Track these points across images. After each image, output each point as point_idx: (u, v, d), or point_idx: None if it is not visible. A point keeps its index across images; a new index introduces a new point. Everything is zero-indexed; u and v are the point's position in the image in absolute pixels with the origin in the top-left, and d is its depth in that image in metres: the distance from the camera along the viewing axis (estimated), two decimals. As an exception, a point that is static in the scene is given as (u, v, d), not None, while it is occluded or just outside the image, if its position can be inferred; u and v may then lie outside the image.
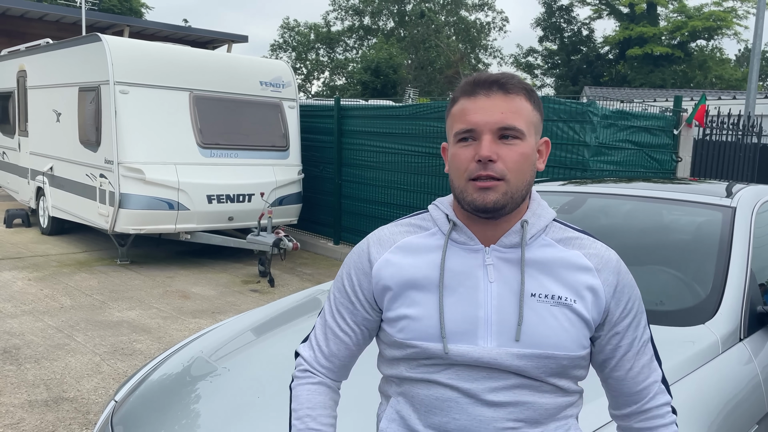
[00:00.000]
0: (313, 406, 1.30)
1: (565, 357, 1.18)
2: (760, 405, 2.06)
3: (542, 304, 1.18)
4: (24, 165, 9.85)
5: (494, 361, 1.17)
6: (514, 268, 1.21)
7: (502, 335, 1.17)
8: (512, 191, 1.17)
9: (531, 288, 1.19)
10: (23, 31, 14.40)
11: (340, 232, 9.07)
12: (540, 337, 1.17)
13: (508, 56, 47.55)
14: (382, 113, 8.34)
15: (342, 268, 1.34)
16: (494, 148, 1.15)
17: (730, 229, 2.52)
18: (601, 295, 1.22)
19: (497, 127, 1.15)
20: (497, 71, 1.27)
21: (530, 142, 1.19)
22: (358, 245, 1.33)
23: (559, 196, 3.06)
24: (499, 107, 1.16)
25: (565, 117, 6.37)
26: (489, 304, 1.18)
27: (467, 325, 1.18)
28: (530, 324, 1.17)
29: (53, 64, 8.69)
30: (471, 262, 1.21)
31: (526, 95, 1.19)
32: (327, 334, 1.33)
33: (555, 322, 1.18)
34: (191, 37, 16.29)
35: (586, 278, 1.21)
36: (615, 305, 1.23)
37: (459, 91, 1.22)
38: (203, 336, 2.61)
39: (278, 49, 40.27)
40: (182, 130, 7.54)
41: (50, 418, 3.63)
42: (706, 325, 2.15)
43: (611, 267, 1.24)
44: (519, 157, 1.16)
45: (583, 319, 1.20)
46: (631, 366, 1.26)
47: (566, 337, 1.18)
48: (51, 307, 5.76)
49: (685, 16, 32.03)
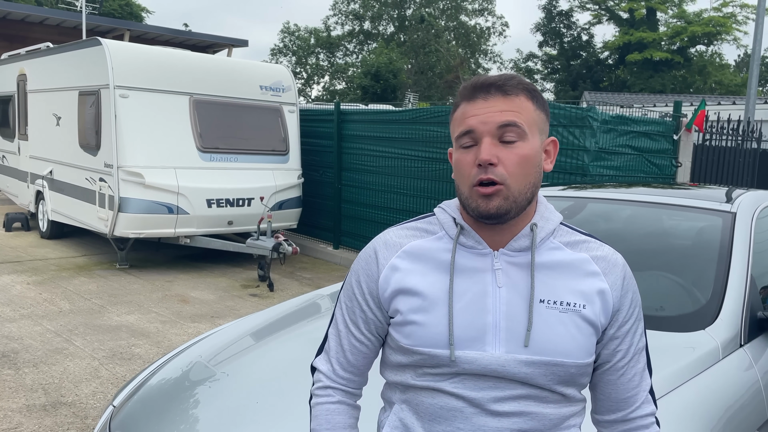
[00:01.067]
0: (333, 426, 1.28)
1: (573, 365, 1.17)
2: (760, 411, 2.06)
3: (551, 310, 1.17)
4: (23, 169, 9.85)
5: (502, 368, 1.15)
6: (523, 272, 1.19)
7: (510, 342, 1.16)
8: (514, 195, 1.15)
9: (540, 294, 1.18)
10: (24, 35, 14.42)
11: (339, 237, 9.07)
12: (548, 345, 1.15)
13: (508, 61, 47.57)
14: (382, 118, 8.35)
15: (349, 275, 1.32)
16: (494, 150, 1.14)
17: (730, 235, 2.52)
18: (609, 299, 1.21)
19: (496, 126, 1.14)
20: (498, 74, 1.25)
21: (532, 142, 1.16)
22: (364, 250, 1.32)
23: (559, 201, 3.06)
24: (498, 107, 1.14)
25: (565, 122, 6.38)
26: (498, 309, 1.17)
27: (475, 332, 1.16)
28: (539, 331, 1.16)
29: (53, 68, 8.70)
30: (479, 266, 1.19)
31: (527, 95, 1.17)
32: (343, 345, 1.31)
33: (564, 330, 1.16)
34: (191, 41, 16.31)
35: (594, 282, 1.20)
36: (619, 309, 1.22)
37: (459, 96, 1.21)
38: (202, 340, 2.60)
39: (278, 53, 40.35)
40: (182, 134, 7.54)
41: (48, 423, 3.62)
42: (706, 330, 2.15)
43: (619, 270, 1.23)
44: (520, 159, 1.14)
45: (591, 324, 1.19)
46: (624, 372, 1.25)
47: (574, 344, 1.16)
48: (50, 311, 5.75)
49: (685, 22, 32.09)
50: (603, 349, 1.24)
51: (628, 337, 1.24)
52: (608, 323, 1.22)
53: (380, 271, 1.25)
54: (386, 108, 9.49)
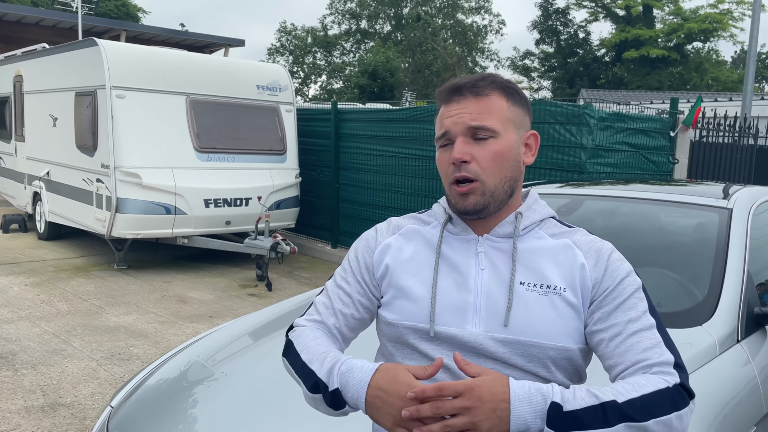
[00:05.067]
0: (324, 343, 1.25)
1: (551, 347, 1.17)
2: (758, 406, 2.06)
3: (530, 292, 1.20)
4: (20, 170, 9.83)
5: (480, 345, 1.18)
6: (505, 257, 1.24)
7: (489, 321, 1.19)
8: (490, 190, 1.21)
9: (520, 277, 1.21)
10: (20, 36, 14.38)
11: (337, 236, 9.07)
12: (526, 326, 1.18)
13: (505, 59, 47.64)
14: (380, 116, 8.35)
15: (349, 252, 1.39)
16: (467, 149, 1.20)
17: (726, 231, 2.52)
18: (588, 281, 1.20)
19: (466, 127, 1.20)
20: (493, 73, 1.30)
21: (507, 138, 1.21)
22: (366, 231, 1.39)
23: (556, 199, 3.06)
24: (468, 109, 1.21)
25: (562, 119, 6.38)
26: (479, 290, 1.22)
27: (456, 310, 1.21)
28: (517, 312, 1.19)
29: (50, 69, 8.68)
30: (464, 250, 1.26)
31: (501, 92, 1.23)
32: (333, 307, 1.32)
33: (542, 312, 1.18)
34: (188, 41, 16.28)
35: (573, 263, 1.22)
36: (600, 284, 1.20)
37: (437, 99, 1.28)
38: (200, 340, 2.60)
39: (275, 53, 40.29)
40: (179, 134, 7.53)
41: (47, 424, 3.62)
42: (703, 326, 2.15)
43: (602, 253, 1.23)
44: (493, 155, 1.20)
45: (572, 307, 1.19)
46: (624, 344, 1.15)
47: (553, 327, 1.18)
48: (48, 313, 5.74)
49: (681, 19, 32.11)
50: (597, 326, 1.18)
51: (619, 312, 1.17)
52: (591, 302, 1.20)
53: (377, 246, 1.33)
54: (383, 107, 9.49)
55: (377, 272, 1.31)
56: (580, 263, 1.22)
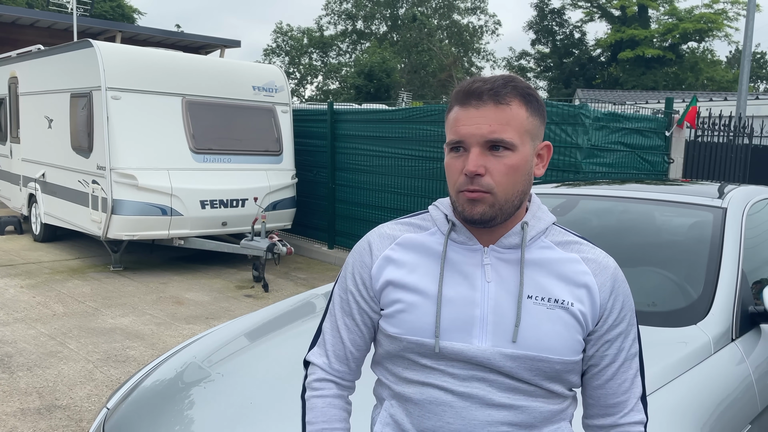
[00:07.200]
0: (329, 419, 1.28)
1: (558, 361, 1.17)
2: (752, 405, 2.07)
3: (538, 306, 1.18)
4: (16, 172, 9.81)
5: (487, 360, 1.16)
6: (512, 268, 1.20)
7: (497, 335, 1.17)
8: (500, 203, 1.16)
9: (528, 290, 1.19)
10: (15, 38, 14.33)
11: (334, 237, 9.07)
12: (534, 340, 1.16)
13: (501, 59, 47.66)
14: (376, 117, 8.35)
15: (344, 268, 1.34)
16: (482, 160, 1.14)
17: (721, 230, 2.53)
18: (597, 300, 1.21)
19: (484, 140, 1.14)
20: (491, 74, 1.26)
21: (523, 151, 1.17)
22: (358, 243, 1.33)
23: (551, 198, 3.07)
24: (487, 119, 1.14)
25: (558, 119, 6.40)
26: (486, 303, 1.18)
27: (462, 324, 1.18)
28: (525, 326, 1.17)
29: (45, 71, 8.66)
30: (469, 261, 1.21)
31: (521, 100, 1.16)
32: (339, 336, 1.31)
33: (550, 326, 1.17)
34: (183, 42, 16.25)
35: (583, 281, 1.21)
36: (609, 311, 1.22)
37: (454, 98, 1.21)
38: (196, 341, 2.60)
39: (271, 53, 40.27)
40: (175, 135, 7.52)
41: (43, 426, 3.61)
42: (698, 325, 2.16)
43: (609, 273, 1.23)
44: (508, 169, 1.15)
45: (578, 321, 1.19)
46: (613, 377, 1.24)
47: (561, 341, 1.17)
48: (43, 315, 5.73)
49: (676, 19, 32.21)
50: (592, 351, 1.23)
51: (617, 341, 1.23)
52: (596, 325, 1.22)
53: (374, 261, 1.28)
54: (379, 107, 9.49)
55: (376, 285, 1.26)
56: (590, 281, 1.21)
